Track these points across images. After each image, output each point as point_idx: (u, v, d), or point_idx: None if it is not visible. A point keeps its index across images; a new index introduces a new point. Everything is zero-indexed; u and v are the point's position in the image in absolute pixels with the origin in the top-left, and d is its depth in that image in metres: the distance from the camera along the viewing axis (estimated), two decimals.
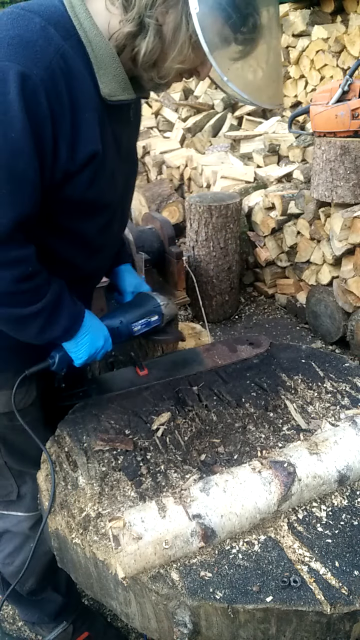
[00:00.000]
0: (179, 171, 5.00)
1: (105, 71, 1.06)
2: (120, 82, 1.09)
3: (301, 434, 1.27)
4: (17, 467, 1.42)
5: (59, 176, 1.06)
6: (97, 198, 1.17)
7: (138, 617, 1.02)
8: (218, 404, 1.41)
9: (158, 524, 0.96)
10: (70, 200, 1.13)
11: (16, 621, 1.93)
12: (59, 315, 1.18)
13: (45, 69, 0.96)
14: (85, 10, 1.04)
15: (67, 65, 1.00)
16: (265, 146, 4.53)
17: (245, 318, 3.94)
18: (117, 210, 1.28)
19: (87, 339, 1.26)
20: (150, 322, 1.45)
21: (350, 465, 1.10)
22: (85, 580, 1.09)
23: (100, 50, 1.05)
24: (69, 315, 1.21)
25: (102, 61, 1.06)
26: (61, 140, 1.02)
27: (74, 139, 1.04)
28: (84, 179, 1.10)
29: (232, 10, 0.97)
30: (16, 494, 1.44)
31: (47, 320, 1.16)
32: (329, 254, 3.30)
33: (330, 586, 0.92)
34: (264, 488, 1.02)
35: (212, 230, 3.59)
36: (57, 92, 0.99)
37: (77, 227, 1.20)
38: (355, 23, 4.43)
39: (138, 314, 1.43)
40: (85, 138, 1.05)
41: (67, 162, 1.05)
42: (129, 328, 1.41)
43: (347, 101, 3.09)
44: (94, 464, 1.23)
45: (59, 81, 0.99)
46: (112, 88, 1.08)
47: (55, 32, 1.00)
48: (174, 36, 1.02)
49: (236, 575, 0.95)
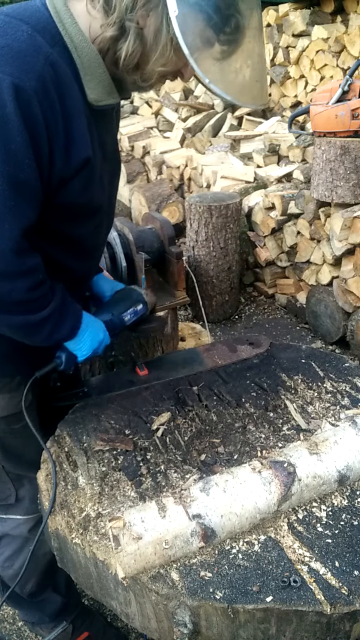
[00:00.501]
0: (179, 171, 5.00)
1: (91, 77, 1.07)
2: (106, 86, 1.10)
3: (301, 434, 1.27)
4: (15, 471, 1.42)
5: (54, 182, 1.08)
6: (88, 202, 1.19)
7: (138, 617, 1.02)
8: (218, 404, 1.41)
9: (158, 524, 0.96)
10: (63, 205, 1.15)
11: (16, 621, 1.93)
12: (66, 316, 1.22)
13: (36, 79, 0.96)
14: (70, 16, 1.03)
15: (56, 73, 1.00)
16: (265, 146, 4.52)
17: (245, 318, 3.94)
18: (104, 213, 1.31)
19: (87, 334, 1.29)
20: (138, 311, 1.50)
21: (350, 465, 1.10)
22: (85, 580, 1.09)
23: (86, 56, 1.05)
24: (74, 314, 1.25)
25: (88, 67, 1.06)
26: (56, 147, 1.03)
27: (67, 146, 1.05)
28: (77, 185, 1.12)
29: (212, 11, 0.97)
30: (14, 497, 1.45)
31: (56, 323, 1.20)
32: (329, 254, 3.30)
33: (330, 586, 0.92)
34: (264, 488, 1.02)
35: (212, 230, 3.59)
36: (49, 101, 0.99)
37: (70, 231, 1.22)
38: (355, 23, 4.43)
39: (125, 304, 1.48)
40: (78, 144, 1.07)
41: (62, 168, 1.07)
42: (120, 319, 1.45)
43: (347, 101, 3.09)
44: (94, 464, 1.23)
45: (50, 90, 0.99)
46: (98, 93, 1.09)
47: (43, 39, 1.00)
48: (155, 39, 1.02)
49: (236, 575, 0.95)
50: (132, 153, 5.64)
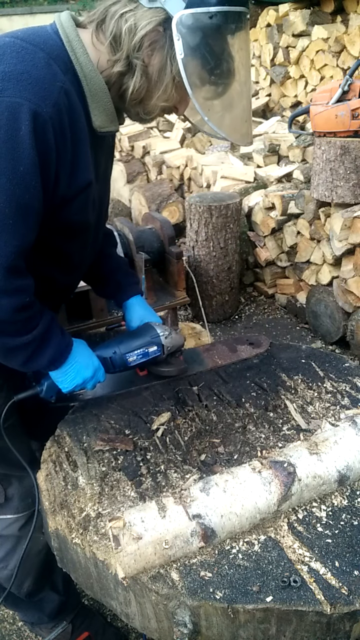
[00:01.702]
0: (179, 171, 5.00)
1: (97, 104, 1.13)
2: (109, 114, 1.16)
3: (301, 434, 1.27)
4: (2, 471, 1.42)
5: (56, 204, 1.11)
6: (82, 221, 1.23)
7: (138, 617, 1.02)
8: (218, 404, 1.41)
9: (158, 524, 0.96)
10: (59, 224, 1.18)
11: (16, 621, 1.93)
12: (47, 347, 1.19)
13: (53, 105, 1.01)
14: (82, 46, 1.09)
15: (69, 100, 1.05)
16: (265, 146, 4.52)
17: (245, 318, 3.94)
18: (93, 230, 1.33)
19: (73, 369, 1.26)
20: (149, 353, 1.42)
21: (350, 465, 1.10)
22: (85, 580, 1.09)
23: (94, 85, 1.11)
24: (56, 347, 1.21)
25: (95, 95, 1.11)
26: (62, 171, 1.08)
27: (73, 170, 1.10)
28: (76, 205, 1.16)
29: (210, 56, 1.07)
30: (3, 496, 1.44)
31: (35, 352, 1.17)
32: (329, 254, 3.30)
33: (330, 586, 0.92)
34: (264, 488, 1.02)
35: (212, 230, 3.59)
36: (62, 128, 1.04)
37: (60, 247, 1.25)
38: (355, 23, 4.43)
39: (135, 344, 1.41)
40: (82, 168, 1.13)
41: (65, 190, 1.11)
42: (123, 359, 1.39)
43: (347, 101, 3.08)
44: (94, 464, 1.23)
45: (64, 117, 1.04)
46: (102, 120, 1.15)
47: (57, 67, 1.04)
48: (159, 76, 1.10)
49: (236, 575, 0.95)
50: (132, 153, 5.64)
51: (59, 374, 1.26)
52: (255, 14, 5.58)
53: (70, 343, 1.26)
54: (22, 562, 1.50)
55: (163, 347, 1.43)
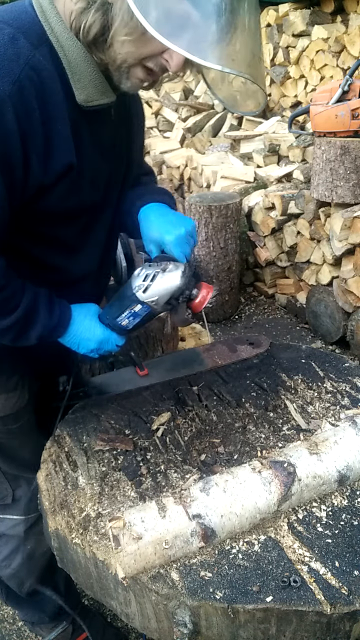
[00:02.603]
0: (179, 171, 5.00)
1: (80, 76, 1.03)
2: (98, 85, 1.05)
3: (301, 434, 1.27)
4: (11, 472, 1.43)
5: (32, 191, 1.04)
6: (76, 204, 1.14)
7: (138, 617, 1.02)
8: (218, 404, 1.41)
9: (158, 524, 0.96)
10: (48, 211, 1.10)
11: (16, 621, 1.93)
12: (33, 327, 1.14)
13: (12, 83, 0.93)
14: (55, 14, 1.00)
15: (39, 76, 0.97)
16: (265, 146, 4.53)
17: (245, 318, 3.94)
18: (98, 211, 1.24)
19: (73, 340, 1.23)
20: (137, 313, 1.20)
21: (350, 465, 1.10)
22: (85, 580, 1.09)
23: (73, 55, 1.01)
24: (43, 326, 1.15)
25: (76, 66, 1.02)
26: (33, 154, 0.99)
27: (47, 153, 1.01)
28: (60, 191, 1.07)
29: None
30: (11, 497, 1.45)
31: (20, 332, 1.14)
32: (329, 254, 3.30)
33: (330, 586, 0.92)
34: (264, 488, 1.02)
35: (212, 230, 3.59)
36: (26, 106, 0.96)
37: (55, 233, 1.17)
38: (355, 23, 4.44)
39: (116, 307, 1.23)
40: (59, 150, 1.03)
41: (40, 176, 1.02)
42: (118, 325, 1.24)
43: (347, 101, 3.09)
44: (94, 464, 1.23)
45: (29, 95, 0.96)
46: (88, 93, 1.05)
47: (26, 41, 0.97)
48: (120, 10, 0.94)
49: (236, 575, 0.95)
50: None
51: (66, 343, 1.23)
52: None
53: (63, 319, 1.19)
54: (26, 562, 1.51)
55: (148, 303, 1.19)
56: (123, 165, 1.29)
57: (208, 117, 5.55)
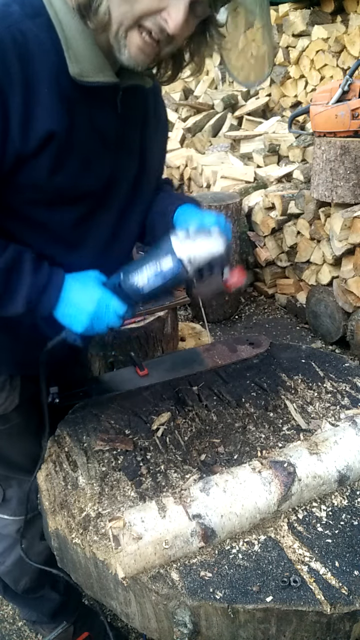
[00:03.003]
0: (179, 171, 5.00)
1: (75, 51, 1.00)
2: (94, 62, 1.02)
3: (301, 434, 1.27)
4: (2, 472, 1.42)
5: (10, 158, 1.00)
6: (66, 186, 1.08)
7: (138, 617, 1.02)
8: (218, 404, 1.41)
9: (158, 524, 0.96)
10: (31, 188, 1.06)
11: (16, 621, 1.93)
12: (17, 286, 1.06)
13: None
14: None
15: (25, 40, 0.96)
16: (265, 146, 4.53)
17: (245, 318, 3.94)
18: (98, 205, 1.18)
19: (70, 309, 1.11)
20: (163, 272, 1.02)
21: (350, 465, 1.10)
22: (85, 580, 1.09)
23: (71, 30, 1.00)
24: (30, 287, 1.07)
25: (73, 40, 1.00)
26: (11, 114, 0.97)
27: (26, 116, 0.98)
28: (45, 163, 1.03)
29: None
30: (1, 497, 1.44)
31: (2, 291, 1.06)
32: (329, 254, 3.30)
33: (330, 586, 0.92)
34: (264, 488, 1.02)
35: None
36: (5, 63, 0.94)
37: (47, 219, 1.12)
38: (355, 23, 4.44)
39: (141, 261, 1.05)
40: (42, 116, 0.99)
41: (19, 141, 0.99)
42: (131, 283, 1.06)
43: (347, 101, 3.09)
44: (94, 464, 1.23)
45: (8, 51, 0.94)
46: (83, 68, 1.01)
47: (19, 9, 0.97)
48: None
49: (236, 575, 0.95)
50: None
51: (60, 317, 1.13)
52: None
53: (52, 283, 1.10)
54: (19, 561, 1.50)
55: (181, 261, 1.02)
56: (135, 165, 1.25)
57: (208, 117, 5.55)
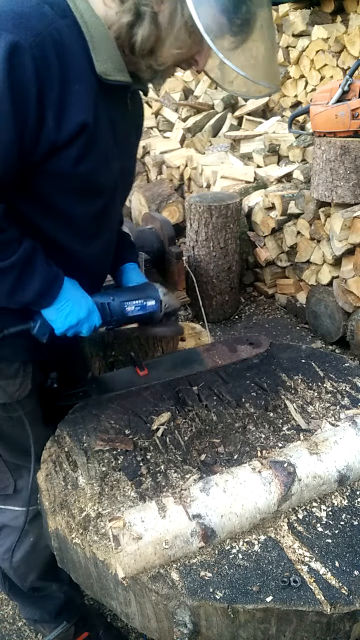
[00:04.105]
0: (179, 171, 5.00)
1: (100, 51, 1.07)
2: (116, 62, 1.10)
3: (301, 434, 1.27)
4: (13, 461, 1.41)
5: (44, 147, 1.05)
6: (88, 176, 1.15)
7: (138, 617, 1.02)
8: (218, 404, 1.41)
9: (158, 524, 0.96)
10: (59, 175, 1.12)
11: (16, 621, 1.93)
12: (32, 276, 1.14)
13: (35, 35, 0.97)
14: None
15: (61, 37, 1.01)
16: (265, 146, 4.53)
17: (245, 318, 3.94)
18: (111, 198, 1.27)
19: (67, 306, 1.22)
20: (146, 307, 1.40)
21: (350, 465, 1.10)
22: (85, 580, 1.09)
23: (96, 32, 1.06)
24: (43, 278, 1.16)
25: (98, 41, 1.07)
26: (48, 107, 1.02)
27: (62, 109, 1.04)
28: (73, 153, 1.09)
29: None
30: (12, 487, 1.43)
31: (18, 280, 1.13)
32: (329, 254, 3.30)
33: (330, 586, 0.92)
34: (264, 488, 1.02)
35: (212, 230, 3.59)
36: (45, 59, 0.99)
37: (70, 209, 1.19)
38: (355, 23, 4.44)
39: (133, 295, 1.39)
40: (75, 108, 1.05)
41: (54, 132, 1.04)
42: (121, 307, 1.36)
43: (347, 101, 3.09)
44: (94, 464, 1.23)
45: (49, 49, 0.99)
46: (107, 67, 1.09)
47: (51, 9, 1.01)
48: (170, 23, 1.06)
49: (236, 575, 0.95)
50: None
51: (52, 311, 1.21)
52: None
53: (59, 275, 1.20)
54: (28, 555, 1.50)
55: (161, 304, 1.41)
56: (132, 162, 1.35)
57: (208, 117, 5.55)
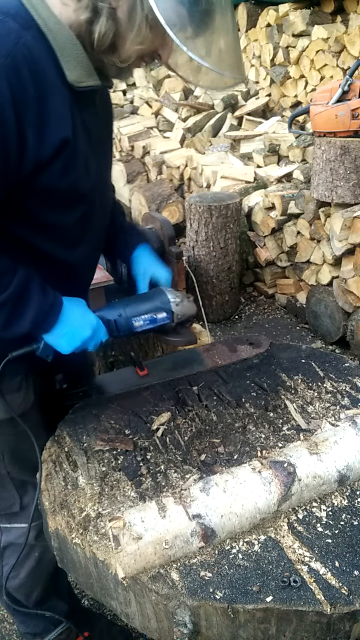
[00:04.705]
0: (179, 171, 5.00)
1: (68, 58, 1.06)
2: (85, 67, 1.09)
3: (301, 434, 1.27)
4: (20, 477, 1.39)
5: (29, 167, 1.05)
6: (71, 187, 1.14)
7: (138, 617, 1.02)
8: (218, 404, 1.41)
9: (158, 524, 0.96)
10: (44, 190, 1.11)
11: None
12: (26, 308, 1.12)
13: (5, 56, 0.96)
14: (41, 1, 1.04)
15: (31, 53, 1.00)
16: (265, 146, 4.53)
17: (245, 318, 3.94)
18: (92, 201, 1.25)
19: (67, 331, 1.20)
20: (156, 319, 1.33)
21: (350, 465, 1.10)
22: (85, 580, 1.09)
23: (62, 38, 1.04)
24: (38, 307, 1.14)
25: (65, 48, 1.05)
26: (27, 127, 1.01)
27: (42, 127, 1.03)
28: (57, 168, 1.08)
29: None
30: (19, 505, 1.42)
31: (12, 313, 1.11)
32: (329, 254, 3.30)
33: (330, 586, 0.92)
34: (264, 488, 1.02)
35: (212, 230, 3.59)
36: (19, 79, 0.98)
37: (53, 219, 1.18)
38: (355, 23, 4.44)
39: (142, 308, 1.32)
40: (55, 125, 1.05)
41: (36, 150, 1.03)
42: (128, 322, 1.31)
43: (347, 101, 3.09)
44: (94, 464, 1.23)
45: (22, 68, 0.98)
46: (78, 74, 1.07)
47: (15, 23, 1.00)
48: (129, 18, 1.02)
49: (236, 575, 0.95)
50: (132, 153, 5.65)
51: (53, 337, 1.19)
52: (255, 14, 5.59)
53: (56, 301, 1.18)
54: (34, 570, 1.48)
55: (173, 315, 1.34)
56: (109, 161, 1.33)
57: (208, 117, 5.55)
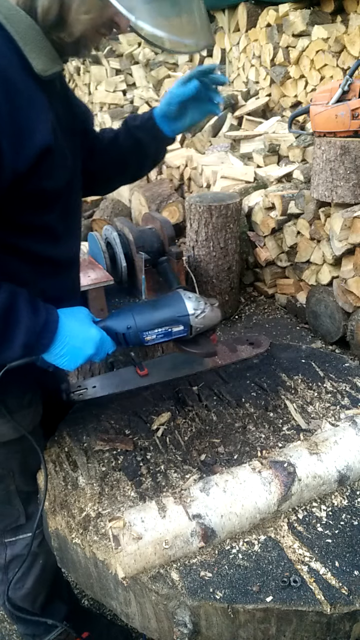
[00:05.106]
0: (179, 171, 5.00)
1: (32, 46, 0.99)
2: (49, 53, 1.02)
3: (301, 434, 1.27)
4: (27, 489, 1.37)
5: (7, 177, 0.98)
6: (53, 186, 1.08)
7: (138, 617, 1.02)
8: (218, 404, 1.41)
9: (158, 524, 0.96)
10: (27, 196, 1.05)
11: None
12: (13, 331, 1.02)
13: None
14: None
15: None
16: (265, 146, 4.53)
17: (245, 318, 3.94)
18: (70, 192, 1.18)
19: (67, 350, 1.09)
20: (172, 333, 1.18)
21: (350, 465, 1.10)
22: (85, 580, 1.09)
23: (21, 25, 0.97)
24: (28, 330, 1.02)
25: (25, 35, 0.98)
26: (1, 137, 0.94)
27: (18, 136, 0.96)
28: (40, 174, 1.02)
29: None
30: (24, 517, 1.40)
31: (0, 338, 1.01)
32: (329, 254, 3.30)
33: (330, 586, 0.92)
34: (264, 488, 1.02)
35: (212, 230, 3.59)
36: None
37: (37, 220, 1.11)
38: (355, 23, 4.43)
39: (156, 320, 1.17)
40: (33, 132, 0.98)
41: (14, 162, 0.96)
42: (139, 337, 1.16)
43: (347, 101, 3.09)
44: (94, 464, 1.23)
45: None
46: (43, 62, 1.00)
47: None
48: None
49: (236, 575, 0.95)
50: None
51: (52, 357, 1.10)
52: (255, 14, 5.59)
53: (49, 319, 1.06)
54: (39, 577, 1.47)
55: (191, 328, 1.19)
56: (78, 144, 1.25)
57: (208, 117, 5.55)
